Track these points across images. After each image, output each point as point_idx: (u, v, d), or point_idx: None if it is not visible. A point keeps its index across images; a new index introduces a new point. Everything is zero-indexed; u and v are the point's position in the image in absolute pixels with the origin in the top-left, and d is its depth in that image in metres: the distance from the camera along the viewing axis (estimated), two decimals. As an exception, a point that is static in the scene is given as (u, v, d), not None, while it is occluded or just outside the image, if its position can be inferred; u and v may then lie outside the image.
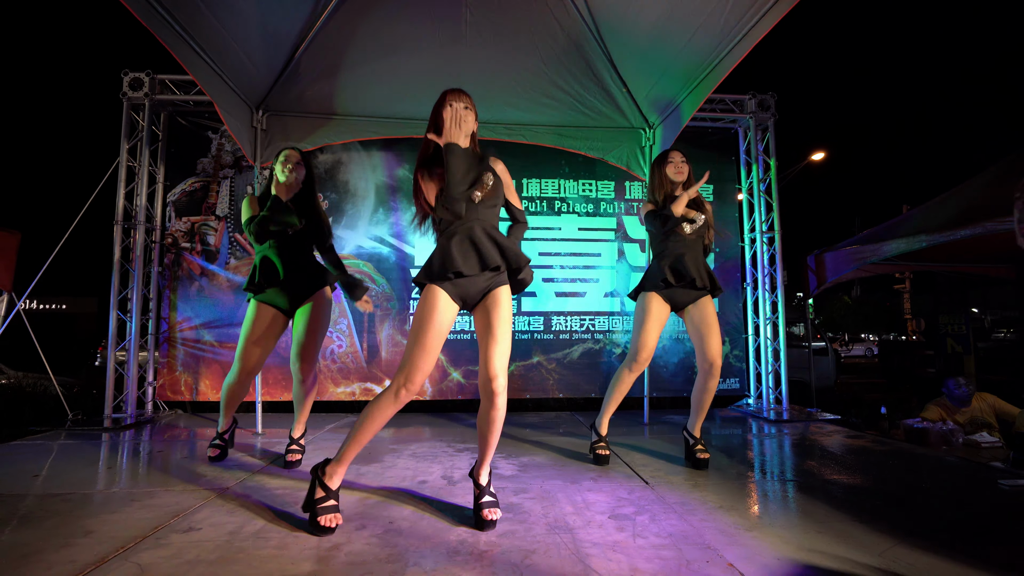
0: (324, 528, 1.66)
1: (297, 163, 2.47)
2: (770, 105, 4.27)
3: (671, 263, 2.47)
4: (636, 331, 2.54)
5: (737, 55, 2.68)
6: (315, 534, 1.65)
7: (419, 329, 1.72)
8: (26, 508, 1.89)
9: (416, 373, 1.68)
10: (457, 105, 1.78)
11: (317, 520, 1.66)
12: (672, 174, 2.54)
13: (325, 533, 1.66)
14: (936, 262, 4.77)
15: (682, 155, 2.58)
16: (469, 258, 1.73)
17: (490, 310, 1.77)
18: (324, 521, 1.66)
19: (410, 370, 1.68)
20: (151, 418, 3.76)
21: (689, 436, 2.58)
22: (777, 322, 4.15)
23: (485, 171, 1.81)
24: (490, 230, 1.78)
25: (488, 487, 1.83)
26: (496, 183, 1.82)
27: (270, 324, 2.43)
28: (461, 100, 1.80)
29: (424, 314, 1.73)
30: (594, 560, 1.51)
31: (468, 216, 1.76)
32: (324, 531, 1.66)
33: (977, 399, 4.02)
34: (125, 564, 1.45)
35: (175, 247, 4.12)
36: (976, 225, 2.93)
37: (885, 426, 4.43)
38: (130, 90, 3.85)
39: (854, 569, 1.46)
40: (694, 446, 2.52)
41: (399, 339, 4.23)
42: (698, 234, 2.53)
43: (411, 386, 1.68)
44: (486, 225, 1.78)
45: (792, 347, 5.86)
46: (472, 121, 1.82)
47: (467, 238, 1.75)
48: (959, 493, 2.18)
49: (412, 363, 1.69)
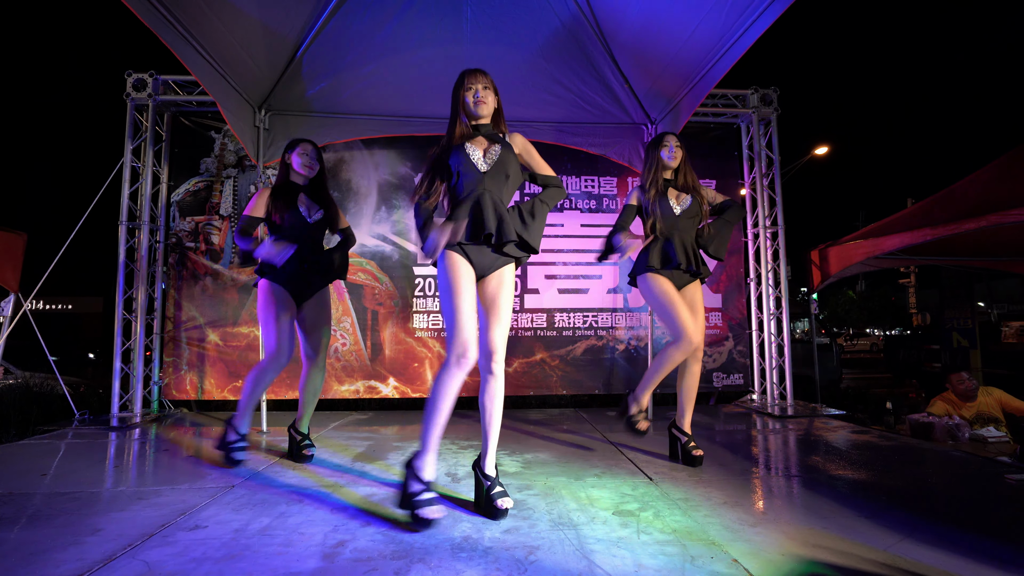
0: (428, 521, 1.65)
1: (315, 156, 2.50)
2: (773, 99, 4.25)
3: (661, 247, 2.46)
4: (664, 311, 2.41)
5: (739, 50, 2.66)
6: (418, 528, 1.65)
7: (449, 297, 1.74)
8: (35, 507, 1.91)
9: (465, 340, 1.71)
10: (476, 86, 1.84)
11: (417, 513, 1.65)
12: (665, 157, 2.51)
13: (429, 527, 1.66)
14: (941, 256, 4.74)
15: (677, 139, 2.54)
16: (470, 227, 1.78)
17: (496, 288, 1.83)
18: (427, 513, 1.65)
19: (458, 339, 1.71)
20: (157, 417, 3.78)
21: (680, 433, 2.51)
22: (781, 317, 4.13)
23: (493, 143, 1.86)
24: (497, 201, 1.81)
25: (497, 477, 1.86)
26: (504, 155, 1.83)
27: (288, 305, 2.42)
28: (479, 80, 1.85)
29: (448, 281, 1.76)
30: (598, 556, 1.51)
31: (476, 186, 1.81)
32: (428, 524, 1.66)
33: (983, 393, 4.00)
34: (133, 562, 1.47)
35: (179, 247, 4.14)
36: (982, 219, 2.91)
37: (890, 421, 4.41)
38: (134, 91, 3.86)
39: (860, 564, 1.46)
40: (687, 443, 2.46)
41: (402, 337, 4.24)
42: (689, 216, 2.48)
43: (468, 353, 1.71)
44: (495, 196, 1.81)
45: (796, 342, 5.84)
46: (492, 100, 1.87)
47: (473, 206, 1.79)
48: (965, 488, 2.17)
49: (457, 332, 1.71)
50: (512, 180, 1.86)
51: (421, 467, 1.74)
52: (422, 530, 1.65)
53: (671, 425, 2.59)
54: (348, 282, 4.23)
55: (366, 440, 3.05)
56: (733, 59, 2.71)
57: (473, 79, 1.85)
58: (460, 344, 1.71)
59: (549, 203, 1.92)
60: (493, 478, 1.85)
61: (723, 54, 2.80)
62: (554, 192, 1.95)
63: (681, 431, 2.52)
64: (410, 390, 4.21)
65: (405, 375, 4.22)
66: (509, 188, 1.86)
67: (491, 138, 1.87)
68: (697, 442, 2.53)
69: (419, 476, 1.72)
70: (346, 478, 2.27)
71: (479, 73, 1.86)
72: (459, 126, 1.87)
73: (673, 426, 2.57)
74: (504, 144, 1.86)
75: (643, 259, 2.52)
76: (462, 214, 1.78)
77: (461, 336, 1.71)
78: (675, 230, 2.46)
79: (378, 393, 4.19)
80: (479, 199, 1.78)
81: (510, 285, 1.86)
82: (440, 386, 1.73)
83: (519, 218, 1.83)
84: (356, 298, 4.24)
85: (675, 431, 2.56)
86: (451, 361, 1.71)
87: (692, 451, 2.45)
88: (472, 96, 1.83)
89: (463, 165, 1.82)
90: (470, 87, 1.84)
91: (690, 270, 2.47)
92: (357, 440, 3.05)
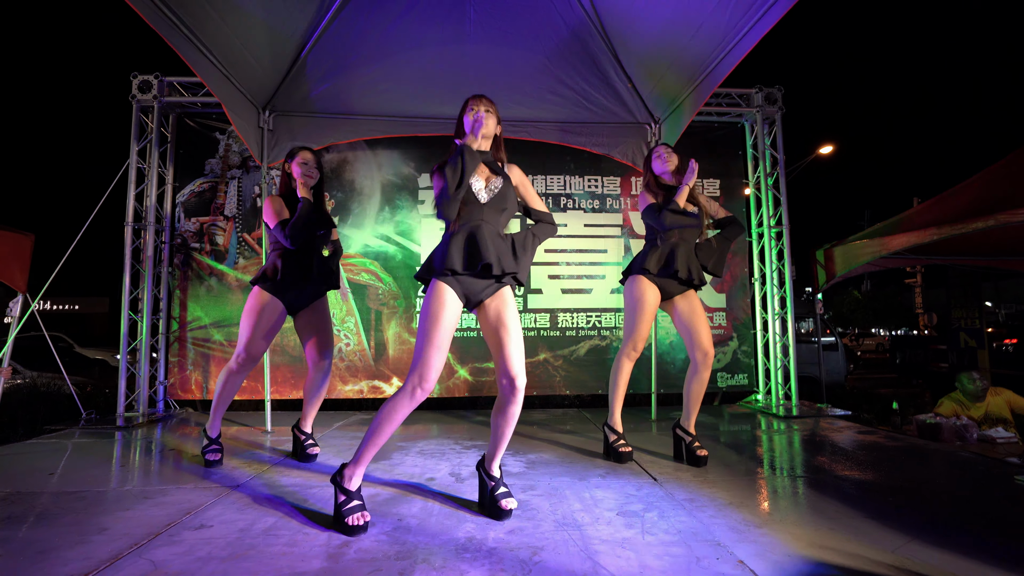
0: (354, 527, 1.65)
1: (316, 166, 2.48)
2: (777, 98, 4.23)
3: (662, 252, 2.48)
4: (630, 316, 2.51)
5: (744, 48, 2.65)
6: (349, 535, 1.64)
7: (427, 326, 1.72)
8: (42, 505, 1.92)
9: (429, 371, 1.68)
10: (478, 108, 1.84)
11: (345, 522, 1.66)
12: (660, 170, 2.59)
13: (358, 532, 1.65)
14: (948, 255, 4.70)
15: (668, 147, 2.63)
16: (466, 257, 1.75)
17: (500, 309, 1.80)
18: (352, 520, 1.65)
19: (423, 368, 1.68)
20: (162, 416, 3.80)
21: (684, 433, 2.52)
22: (786, 317, 4.11)
23: (495, 175, 1.85)
24: (493, 233, 1.79)
25: (501, 478, 1.87)
26: (504, 188, 1.84)
27: (277, 319, 2.43)
28: (481, 104, 1.86)
29: (431, 310, 1.73)
30: (603, 557, 1.51)
31: (475, 216, 1.79)
32: (356, 530, 1.65)
33: (992, 394, 3.97)
34: (139, 561, 1.47)
35: (184, 247, 4.16)
36: (989, 217, 2.89)
37: (897, 422, 4.38)
38: (139, 92, 3.88)
39: (868, 566, 1.45)
40: (692, 443, 2.47)
41: (406, 337, 4.25)
42: (692, 227, 2.51)
43: (425, 384, 1.68)
44: (491, 227, 1.79)
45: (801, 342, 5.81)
46: (492, 124, 1.85)
47: (469, 236, 1.77)
48: (974, 489, 2.15)
49: (424, 361, 1.69)
50: (508, 213, 1.86)
51: (350, 476, 1.74)
52: (354, 536, 1.63)
53: (675, 425, 2.59)
54: (352, 282, 4.24)
55: (370, 440, 3.05)
56: (737, 58, 2.70)
57: (476, 103, 1.87)
58: (422, 374, 1.67)
59: (541, 238, 1.92)
60: (497, 478, 1.86)
61: (727, 53, 2.79)
62: (547, 228, 1.94)
63: (685, 431, 2.52)
64: (414, 390, 4.22)
65: (409, 375, 4.22)
66: (505, 221, 1.87)
67: (492, 168, 1.88)
68: (702, 442, 2.52)
69: (345, 487, 1.73)
70: (350, 478, 2.27)
71: (482, 98, 1.88)
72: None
73: (677, 426, 2.57)
74: (504, 177, 1.87)
75: (640, 260, 2.55)
76: (457, 243, 1.76)
77: (426, 366, 1.68)
78: (680, 240, 2.48)
79: (382, 393, 4.20)
80: (475, 231, 1.77)
81: (512, 302, 1.83)
82: (390, 412, 1.69)
83: (511, 251, 1.82)
84: (360, 298, 4.25)
85: (679, 431, 2.55)
86: (407, 389, 1.68)
87: (697, 451, 2.44)
88: (472, 118, 1.83)
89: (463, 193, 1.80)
90: (472, 109, 1.86)
91: (689, 281, 2.48)
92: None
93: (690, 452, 2.47)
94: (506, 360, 1.74)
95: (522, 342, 1.79)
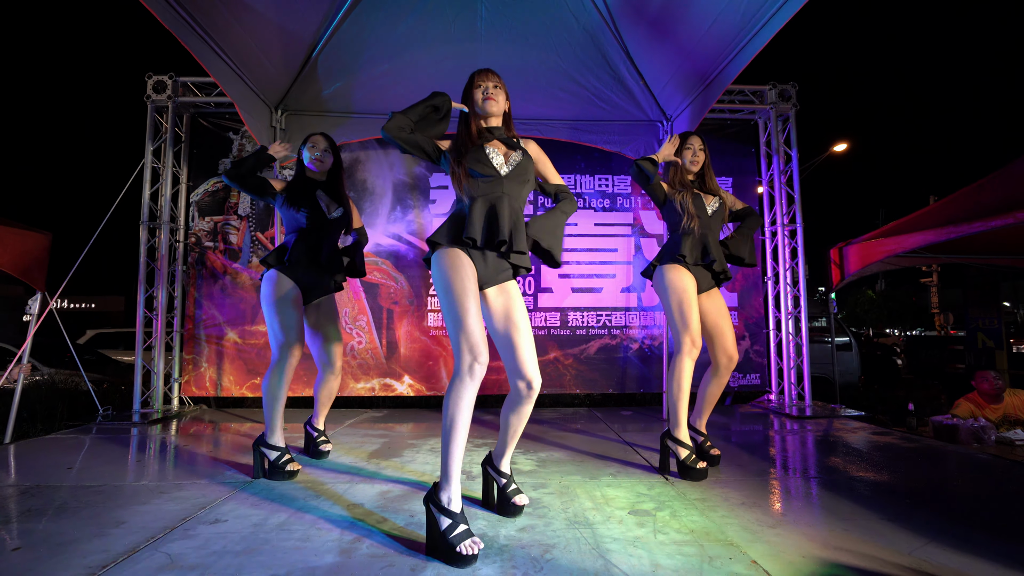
0: (467, 557, 1.42)
1: (325, 149, 2.42)
2: (791, 95, 4.18)
3: (695, 240, 2.36)
4: (678, 308, 2.28)
5: (757, 45, 2.63)
6: (460, 566, 1.41)
7: (455, 295, 1.58)
8: (61, 499, 1.95)
9: (476, 341, 1.54)
10: (487, 84, 1.78)
11: (457, 551, 1.42)
12: (688, 160, 2.44)
13: (470, 563, 1.42)
14: (965, 254, 4.62)
15: (702, 141, 2.45)
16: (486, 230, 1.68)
17: (509, 307, 1.72)
18: (465, 549, 1.43)
19: (468, 341, 1.53)
20: (177, 413, 3.85)
21: (696, 433, 2.48)
22: (799, 317, 4.07)
23: (512, 150, 1.79)
24: (514, 208, 1.72)
25: (511, 475, 1.86)
26: (524, 161, 1.78)
27: (296, 296, 2.31)
28: (490, 79, 1.79)
29: (449, 278, 1.61)
30: (615, 555, 1.50)
31: (496, 189, 1.71)
32: (468, 560, 1.42)
33: (1010, 395, 3.89)
34: (156, 554, 1.50)
35: (199, 246, 4.21)
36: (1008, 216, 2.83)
37: (913, 423, 4.31)
38: (154, 93, 3.93)
39: (884, 568, 1.43)
40: (704, 443, 2.45)
41: (418, 335, 4.26)
42: (718, 219, 2.43)
43: (480, 356, 1.54)
44: (513, 201, 1.72)
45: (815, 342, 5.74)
46: (503, 100, 1.81)
47: (490, 207, 1.69)
48: (992, 491, 2.11)
49: (466, 332, 1.54)
50: (529, 186, 1.80)
51: (448, 500, 1.51)
52: (466, 567, 1.41)
53: (687, 424, 2.56)
54: (364, 281, 4.26)
55: (381, 437, 3.07)
56: (750, 55, 2.68)
57: (483, 77, 1.79)
58: (470, 349, 1.53)
59: (568, 212, 1.87)
60: (508, 476, 1.85)
61: (740, 50, 2.76)
62: (570, 203, 1.89)
63: (697, 431, 2.50)
64: (425, 388, 4.23)
65: (420, 373, 4.24)
66: (525, 193, 1.80)
67: (508, 144, 1.81)
68: (713, 442, 2.50)
69: (447, 508, 1.50)
70: (362, 475, 2.29)
71: (490, 72, 1.81)
72: (473, 125, 1.80)
73: (689, 426, 2.55)
74: (523, 151, 1.82)
75: (672, 248, 2.39)
76: (477, 215, 1.67)
77: (471, 339, 1.53)
78: (708, 230, 2.41)
79: (393, 391, 4.22)
80: (496, 203, 1.69)
81: (520, 300, 1.75)
82: (455, 404, 1.53)
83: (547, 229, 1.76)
84: (372, 297, 4.27)
85: (692, 431, 2.53)
86: (461, 371, 1.53)
87: (708, 451, 2.43)
88: (482, 94, 1.76)
89: (482, 165, 1.73)
90: (480, 84, 1.78)
91: (717, 275, 2.43)
92: (372, 437, 3.07)
93: (702, 451, 2.44)
94: (520, 362, 1.65)
95: (533, 341, 1.72)
